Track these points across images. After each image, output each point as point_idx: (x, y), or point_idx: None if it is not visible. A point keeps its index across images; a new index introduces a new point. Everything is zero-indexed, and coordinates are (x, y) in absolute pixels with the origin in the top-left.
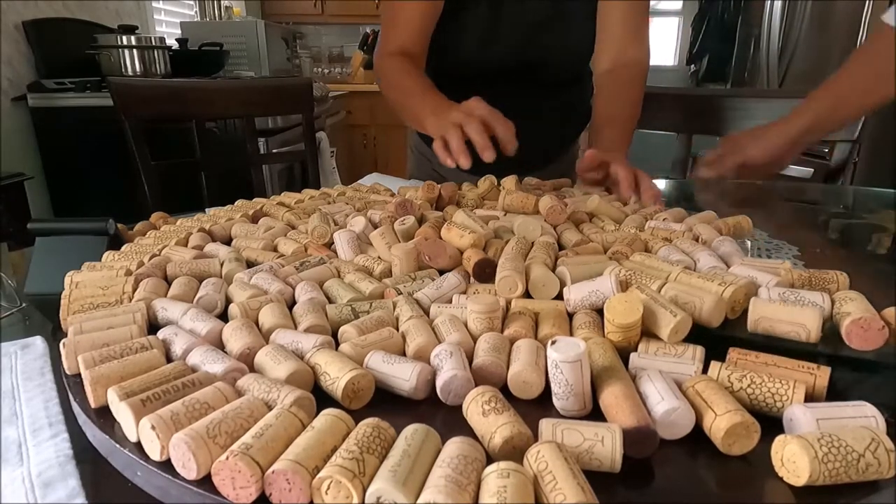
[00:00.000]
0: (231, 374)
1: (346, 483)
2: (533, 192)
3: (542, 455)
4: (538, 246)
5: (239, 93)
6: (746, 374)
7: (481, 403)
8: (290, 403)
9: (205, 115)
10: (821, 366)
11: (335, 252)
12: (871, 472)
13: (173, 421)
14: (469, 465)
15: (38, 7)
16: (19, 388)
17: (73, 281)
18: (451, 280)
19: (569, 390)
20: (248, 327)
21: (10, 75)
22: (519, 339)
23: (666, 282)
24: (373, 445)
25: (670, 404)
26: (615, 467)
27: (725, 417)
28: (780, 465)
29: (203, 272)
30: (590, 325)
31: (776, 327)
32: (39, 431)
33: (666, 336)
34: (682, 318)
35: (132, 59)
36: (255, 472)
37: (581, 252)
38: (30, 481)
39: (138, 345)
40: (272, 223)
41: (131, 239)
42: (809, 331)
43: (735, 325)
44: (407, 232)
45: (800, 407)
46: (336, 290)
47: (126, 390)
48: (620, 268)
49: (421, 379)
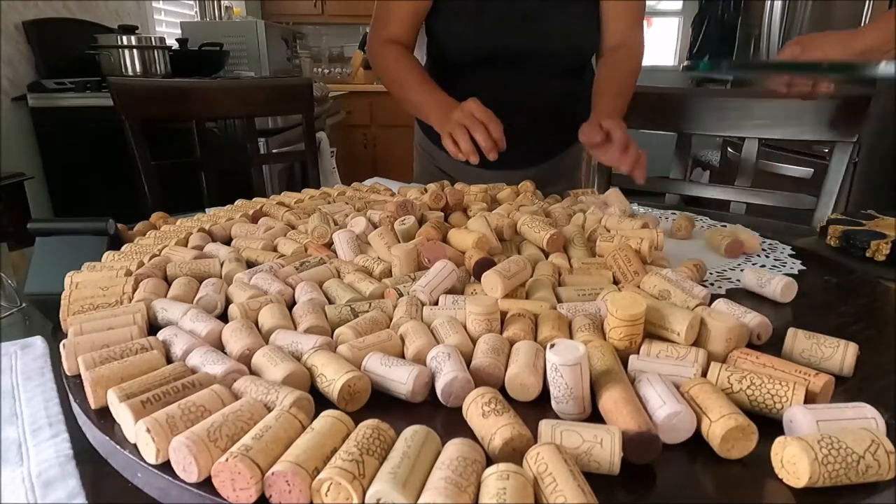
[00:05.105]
0: (231, 376)
1: (346, 484)
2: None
3: (541, 457)
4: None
5: (239, 93)
6: (746, 376)
7: (481, 405)
8: (290, 405)
9: (205, 115)
10: (819, 372)
11: (335, 252)
12: (871, 474)
13: (169, 424)
14: (469, 466)
15: (38, 7)
16: (19, 388)
17: (73, 281)
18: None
19: (568, 394)
20: (247, 328)
21: (10, 75)
22: (518, 341)
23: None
24: (372, 447)
25: (672, 409)
26: (614, 469)
27: (720, 423)
28: (780, 467)
29: (203, 272)
30: (590, 328)
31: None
32: (39, 431)
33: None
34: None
35: (132, 59)
36: (255, 473)
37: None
38: (30, 481)
39: (138, 346)
40: (272, 223)
41: (131, 239)
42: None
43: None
44: (407, 232)
45: (800, 408)
46: (336, 291)
47: (126, 391)
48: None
49: (418, 382)
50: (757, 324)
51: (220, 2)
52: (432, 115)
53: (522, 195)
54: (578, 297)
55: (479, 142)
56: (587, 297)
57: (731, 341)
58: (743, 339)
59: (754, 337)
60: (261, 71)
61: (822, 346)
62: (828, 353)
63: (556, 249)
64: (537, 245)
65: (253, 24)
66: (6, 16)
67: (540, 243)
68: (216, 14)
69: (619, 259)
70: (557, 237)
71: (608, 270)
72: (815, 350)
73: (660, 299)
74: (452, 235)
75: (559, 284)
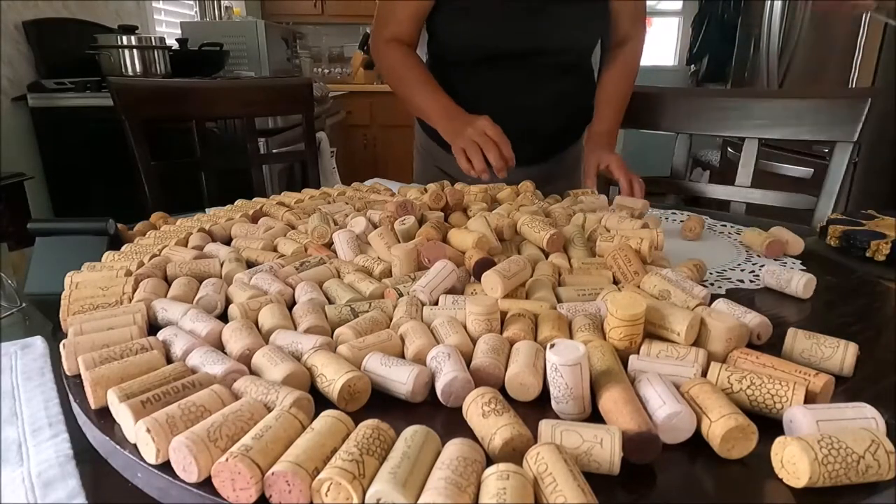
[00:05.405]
0: (231, 376)
1: (346, 485)
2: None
3: (541, 457)
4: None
5: (239, 93)
6: (746, 376)
7: (481, 405)
8: (290, 405)
9: (205, 115)
10: (818, 372)
11: (335, 252)
12: (871, 474)
13: (169, 424)
14: (469, 466)
15: (38, 7)
16: (19, 388)
17: (73, 281)
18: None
19: (568, 394)
20: (247, 328)
21: (10, 75)
22: (518, 341)
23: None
24: (372, 447)
25: (672, 409)
26: (614, 469)
27: (720, 423)
28: (780, 467)
29: (203, 272)
30: (590, 328)
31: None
32: (39, 431)
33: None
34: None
35: (132, 59)
36: (255, 473)
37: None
38: (30, 481)
39: (138, 346)
40: (272, 223)
41: (131, 239)
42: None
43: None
44: (407, 232)
45: (800, 408)
46: (336, 291)
47: (126, 392)
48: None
49: (418, 382)
50: (757, 324)
51: (220, 2)
52: (438, 122)
53: (522, 195)
54: (578, 297)
55: (492, 161)
56: (587, 297)
57: (731, 341)
58: (743, 339)
59: (754, 337)
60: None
61: (822, 346)
62: (828, 353)
63: (556, 249)
64: (537, 245)
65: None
66: (6, 16)
67: (540, 243)
68: (216, 14)
69: (619, 259)
70: (557, 237)
71: (608, 270)
72: (815, 350)
73: (660, 299)
74: (452, 235)
75: (559, 284)
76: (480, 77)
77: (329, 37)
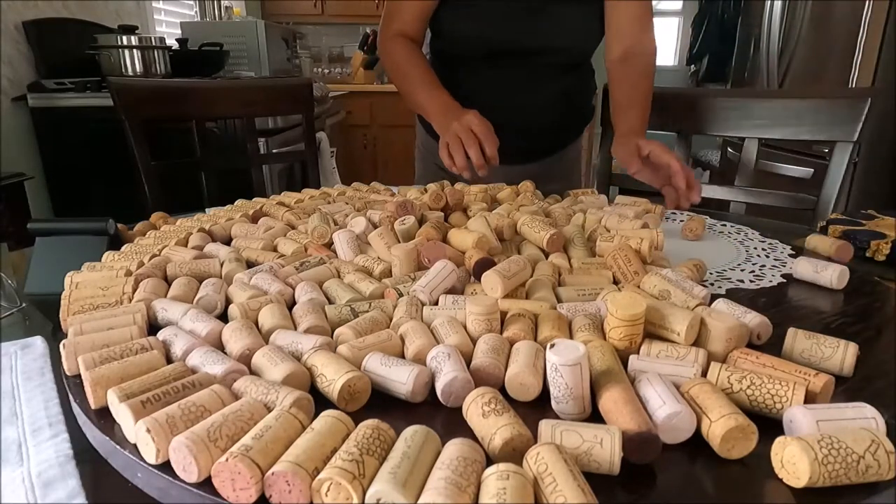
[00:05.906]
0: (231, 376)
1: (346, 485)
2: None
3: (541, 457)
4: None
5: (239, 93)
6: (746, 376)
7: (481, 405)
8: (290, 405)
9: (205, 115)
10: (818, 372)
11: (335, 252)
12: (871, 474)
13: (169, 424)
14: (469, 466)
15: (38, 7)
16: (19, 388)
17: (73, 281)
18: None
19: (568, 394)
20: (247, 328)
21: (10, 75)
22: (518, 341)
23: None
24: (372, 447)
25: (672, 408)
26: (614, 469)
27: (720, 423)
28: (780, 467)
29: (203, 272)
30: (590, 328)
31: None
32: (39, 431)
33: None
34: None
35: (132, 59)
36: (255, 473)
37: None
38: (30, 481)
39: (138, 346)
40: (272, 223)
41: (131, 239)
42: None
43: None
44: (407, 232)
45: (800, 408)
46: (336, 291)
47: (126, 392)
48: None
49: (418, 382)
50: (757, 324)
51: (220, 2)
52: (434, 117)
53: (522, 195)
54: (578, 297)
55: (471, 157)
56: (587, 297)
57: (731, 341)
58: (743, 339)
59: (754, 337)
60: (261, 71)
61: (822, 346)
62: (828, 353)
63: (556, 249)
64: (537, 245)
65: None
66: (6, 16)
67: (540, 243)
68: (216, 14)
69: (619, 259)
70: (557, 237)
71: (608, 270)
72: (815, 350)
73: (660, 299)
74: (452, 235)
75: (559, 284)
76: (481, 75)
77: (329, 37)
